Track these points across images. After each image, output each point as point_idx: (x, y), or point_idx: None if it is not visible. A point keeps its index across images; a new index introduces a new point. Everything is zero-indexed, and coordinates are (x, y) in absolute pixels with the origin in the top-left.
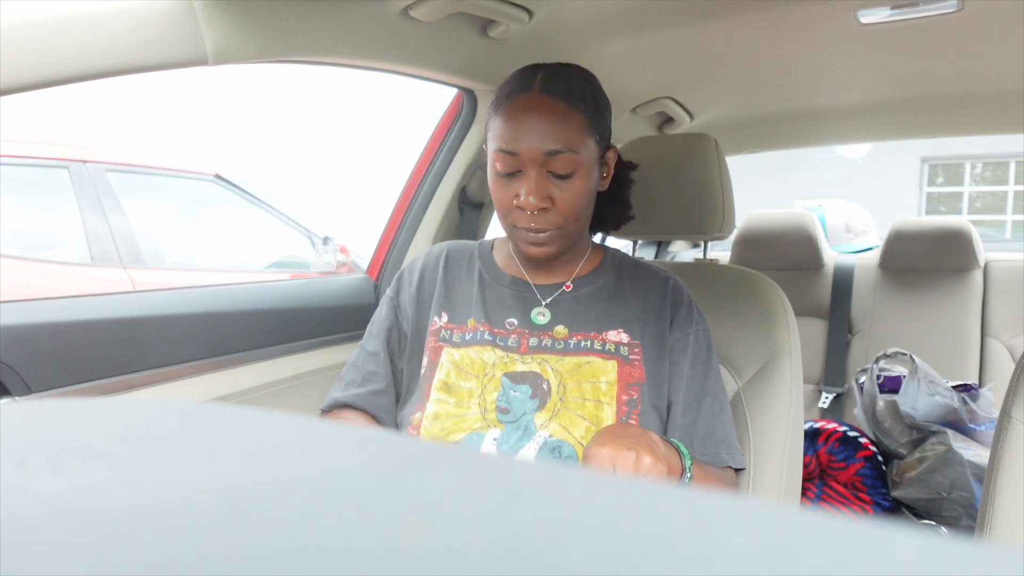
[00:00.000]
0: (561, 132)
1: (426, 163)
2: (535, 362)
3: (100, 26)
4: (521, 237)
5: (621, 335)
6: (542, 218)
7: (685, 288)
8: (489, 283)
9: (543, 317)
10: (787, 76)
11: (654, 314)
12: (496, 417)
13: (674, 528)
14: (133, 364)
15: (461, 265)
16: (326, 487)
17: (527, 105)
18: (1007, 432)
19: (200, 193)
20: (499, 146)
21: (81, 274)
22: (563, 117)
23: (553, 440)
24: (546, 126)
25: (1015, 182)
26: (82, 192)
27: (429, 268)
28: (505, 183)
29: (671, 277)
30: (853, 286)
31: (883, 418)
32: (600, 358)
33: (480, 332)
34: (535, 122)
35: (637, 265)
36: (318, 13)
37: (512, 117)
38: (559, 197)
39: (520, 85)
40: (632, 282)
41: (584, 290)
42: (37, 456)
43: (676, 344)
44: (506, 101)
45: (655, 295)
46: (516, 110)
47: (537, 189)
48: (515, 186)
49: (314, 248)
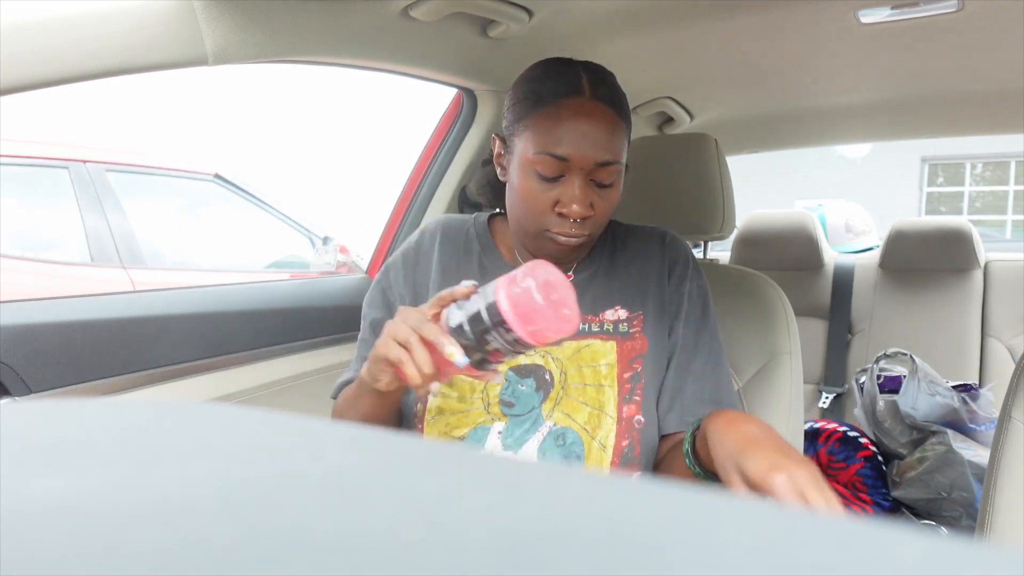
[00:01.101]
0: (611, 143)
1: (426, 163)
2: (537, 355)
3: (100, 26)
4: (550, 240)
5: (619, 312)
6: (580, 226)
7: (682, 243)
8: (490, 271)
9: None
10: (787, 76)
11: (652, 279)
12: (500, 410)
13: (674, 528)
14: (133, 364)
15: (458, 246)
16: (326, 487)
17: (581, 111)
18: (1007, 432)
19: (200, 193)
20: (546, 149)
21: (81, 274)
22: (613, 127)
23: (557, 428)
24: (599, 135)
25: (1015, 182)
26: (82, 192)
27: (423, 252)
28: (546, 187)
29: (667, 233)
30: (853, 286)
31: (883, 418)
32: (599, 340)
33: None
34: (589, 130)
35: (630, 231)
36: (318, 13)
37: (563, 121)
38: (598, 206)
39: (567, 87)
40: (625, 251)
41: (581, 275)
42: (37, 456)
43: (670, 306)
44: (553, 102)
45: (651, 257)
46: (568, 114)
47: (584, 198)
48: (556, 191)
49: (314, 248)
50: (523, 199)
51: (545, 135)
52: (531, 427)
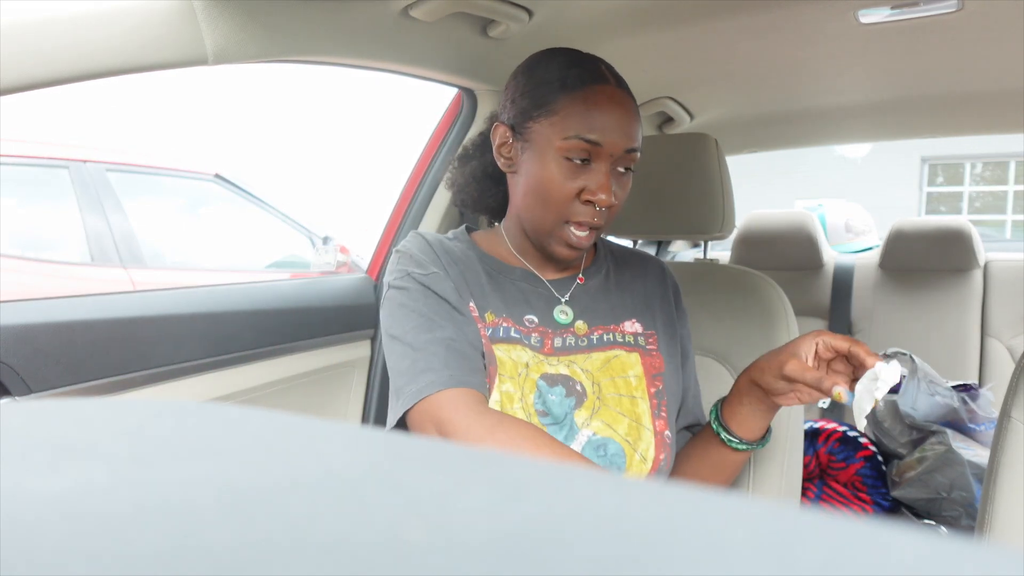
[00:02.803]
0: (636, 131)
1: (426, 163)
2: (563, 364)
3: (100, 26)
4: (569, 233)
5: (636, 325)
6: (604, 214)
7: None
8: (495, 275)
9: (566, 316)
10: (787, 76)
11: (658, 300)
12: (539, 421)
13: (674, 528)
14: (133, 364)
15: (454, 255)
16: (326, 487)
17: (613, 98)
18: (1007, 432)
19: (200, 193)
20: (581, 133)
21: (81, 274)
22: (636, 116)
23: (597, 438)
24: (630, 122)
25: (1015, 182)
26: (82, 192)
27: (434, 253)
28: (572, 174)
29: (662, 263)
30: (853, 286)
31: (883, 418)
32: (624, 351)
33: (503, 328)
34: (621, 116)
35: (624, 251)
36: (318, 13)
37: (596, 106)
38: (618, 195)
39: (592, 74)
40: (627, 267)
41: (592, 281)
42: (37, 456)
43: (683, 332)
44: (582, 88)
45: (653, 281)
46: (602, 100)
47: (611, 185)
48: (582, 179)
49: (314, 248)
50: (543, 187)
51: (578, 119)
52: (568, 435)
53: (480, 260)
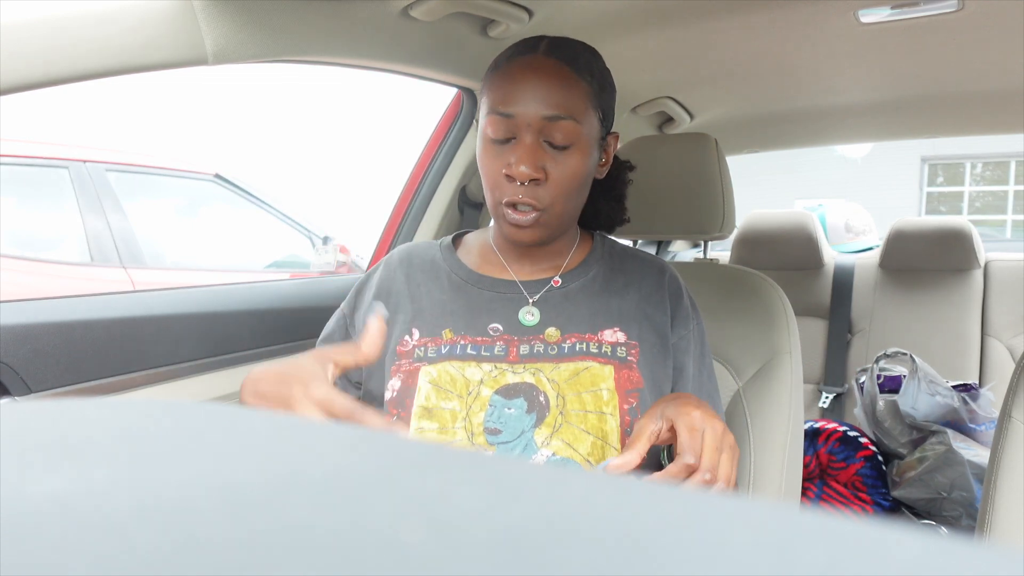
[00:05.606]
0: (564, 97)
1: (426, 163)
2: (528, 372)
3: (100, 26)
4: (506, 217)
5: (617, 334)
6: (532, 191)
7: (681, 280)
8: (462, 287)
9: (532, 317)
10: (787, 76)
11: (653, 308)
12: (485, 440)
13: (674, 528)
14: (133, 364)
15: (426, 270)
16: (326, 487)
17: (530, 65)
18: (1007, 432)
19: (200, 193)
20: (493, 107)
21: (81, 274)
22: (567, 82)
23: (556, 459)
24: (548, 89)
25: (1015, 182)
26: (82, 192)
27: (389, 280)
28: (496, 151)
29: (667, 268)
30: (853, 286)
31: (883, 418)
32: (597, 362)
33: (459, 345)
34: (537, 83)
35: (628, 252)
36: (318, 13)
37: (510, 78)
38: (553, 171)
39: (523, 48)
40: (625, 272)
41: (574, 285)
42: (37, 456)
43: (679, 344)
44: (505, 62)
45: (652, 286)
46: (516, 71)
47: (531, 157)
48: (506, 155)
49: (314, 248)
50: (482, 170)
51: (494, 94)
52: (524, 454)
53: (451, 272)
